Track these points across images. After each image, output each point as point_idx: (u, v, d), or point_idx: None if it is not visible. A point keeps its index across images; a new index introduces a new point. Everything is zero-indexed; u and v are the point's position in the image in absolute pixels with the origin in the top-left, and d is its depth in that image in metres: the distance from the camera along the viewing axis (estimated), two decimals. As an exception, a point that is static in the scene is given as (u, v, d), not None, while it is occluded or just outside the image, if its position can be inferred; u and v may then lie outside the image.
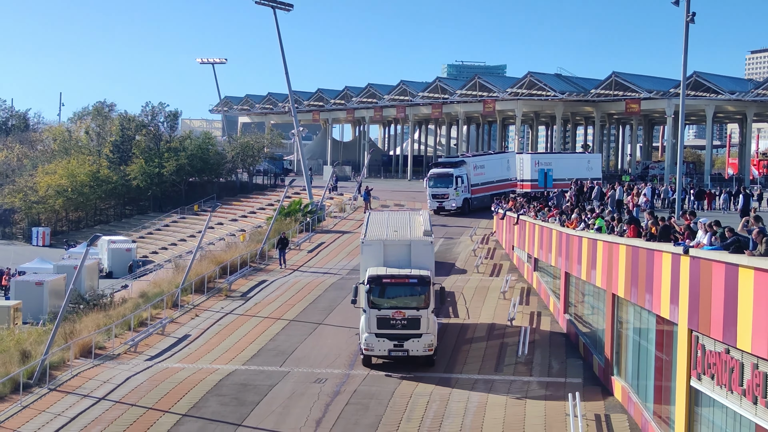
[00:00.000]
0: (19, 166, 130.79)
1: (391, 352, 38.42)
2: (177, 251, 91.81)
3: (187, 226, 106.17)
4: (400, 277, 39.32)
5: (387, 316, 38.28)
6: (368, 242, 41.82)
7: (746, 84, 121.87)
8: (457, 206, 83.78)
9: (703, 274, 24.25)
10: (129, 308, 51.97)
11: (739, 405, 21.69)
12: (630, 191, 60.33)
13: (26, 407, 36.11)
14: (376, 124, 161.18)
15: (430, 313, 38.54)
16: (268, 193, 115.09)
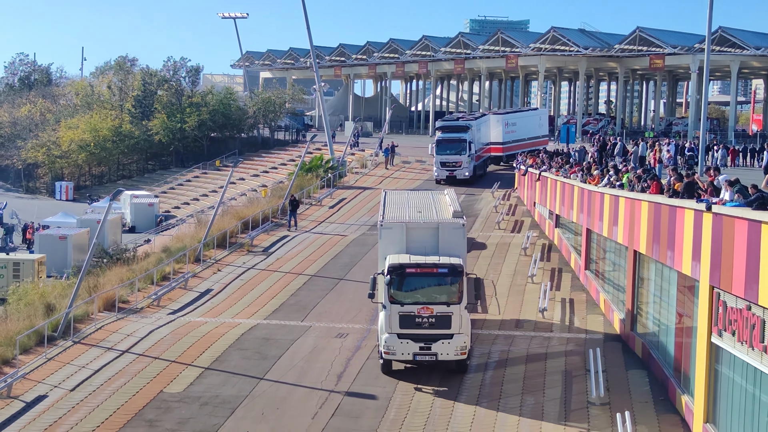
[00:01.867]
0: (42, 120, 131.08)
1: (416, 356, 31.73)
2: (199, 206, 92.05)
3: (209, 181, 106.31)
4: (428, 266, 32.48)
5: (411, 313, 31.74)
6: (388, 225, 34.60)
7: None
8: (469, 174, 76.87)
9: (725, 231, 24.20)
10: (152, 263, 52.23)
11: (759, 362, 21.73)
12: (652, 147, 60.01)
13: (51, 359, 36.46)
14: (398, 80, 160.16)
15: (463, 309, 31.97)
16: (290, 148, 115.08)
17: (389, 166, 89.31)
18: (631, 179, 39.29)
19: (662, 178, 37.36)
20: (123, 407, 31.33)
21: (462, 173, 75.48)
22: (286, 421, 29.81)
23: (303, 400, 31.74)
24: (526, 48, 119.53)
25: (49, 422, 30.19)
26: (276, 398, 31.99)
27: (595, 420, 28.98)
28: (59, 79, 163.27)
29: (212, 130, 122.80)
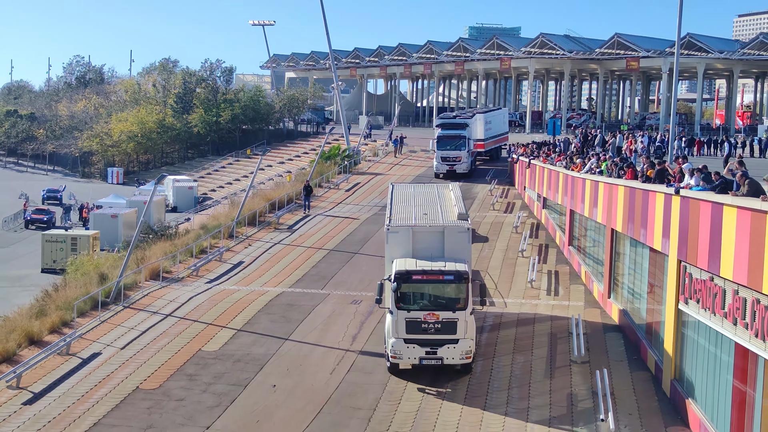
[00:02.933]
0: (96, 114, 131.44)
1: (422, 360, 28.59)
2: (232, 189, 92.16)
3: (241, 167, 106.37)
4: (434, 273, 28.82)
5: (418, 319, 28.41)
6: (394, 228, 30.78)
7: (734, 44, 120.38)
8: (467, 169, 72.07)
9: (691, 212, 24.24)
10: (191, 238, 52.35)
11: (720, 326, 21.78)
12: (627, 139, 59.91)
13: (104, 322, 36.66)
14: (405, 79, 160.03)
15: (469, 315, 28.60)
16: (311, 139, 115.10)
17: (398, 154, 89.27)
18: (609, 167, 39.30)
19: (636, 165, 37.30)
20: (166, 363, 31.53)
21: (462, 168, 71.02)
22: (307, 376, 29.98)
23: (322, 358, 31.88)
24: (518, 52, 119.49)
25: (103, 376, 30.42)
26: (299, 356, 32.14)
27: (577, 376, 29.08)
28: (111, 78, 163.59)
29: (244, 123, 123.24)
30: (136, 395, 28.77)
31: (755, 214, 19.38)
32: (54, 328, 35.50)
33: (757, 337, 19.34)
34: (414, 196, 36.52)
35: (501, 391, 28.20)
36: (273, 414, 27.18)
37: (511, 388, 28.41)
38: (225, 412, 27.31)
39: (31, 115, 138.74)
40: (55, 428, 26.35)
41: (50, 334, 34.92)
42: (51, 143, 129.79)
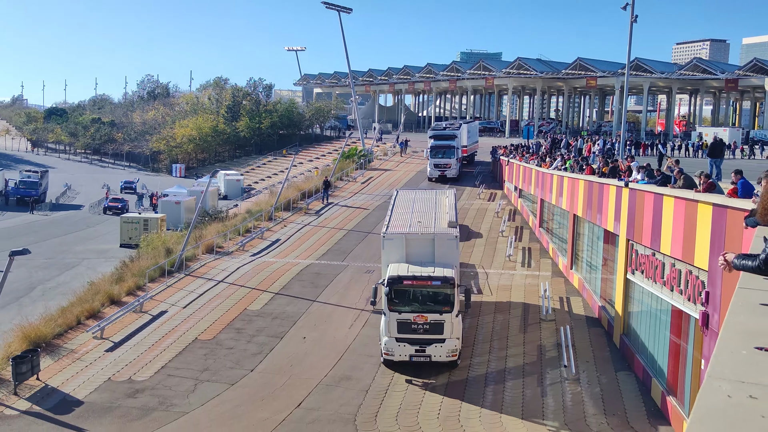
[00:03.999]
0: (163, 121, 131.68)
1: (412, 357, 25.76)
2: (271, 182, 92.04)
3: (278, 164, 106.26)
4: (423, 279, 25.95)
5: (408, 320, 25.58)
6: (389, 236, 27.85)
7: (672, 66, 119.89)
8: (456, 174, 67.72)
9: (638, 200, 24.23)
10: (239, 220, 52.54)
11: (660, 292, 21.81)
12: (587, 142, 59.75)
13: (169, 286, 36.89)
14: (409, 94, 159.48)
15: (455, 317, 25.76)
16: (334, 142, 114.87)
17: (403, 154, 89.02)
18: (572, 164, 39.28)
19: (594, 164, 37.25)
20: (219, 319, 31.69)
21: (451, 173, 66.80)
22: (331, 330, 30.11)
23: (343, 316, 31.99)
24: (499, 72, 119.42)
25: (168, 329, 30.61)
26: (324, 314, 32.27)
27: (545, 331, 29.12)
28: (174, 93, 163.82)
29: (280, 129, 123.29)
30: (194, 344, 28.97)
31: (688, 203, 19.39)
32: (130, 291, 35.82)
33: (689, 301, 19.37)
34: (414, 202, 33.64)
35: (485, 342, 28.30)
36: (303, 360, 27.32)
37: (492, 340, 28.52)
38: (265, 358, 27.48)
39: (112, 122, 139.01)
40: (131, 370, 26.57)
41: (127, 296, 35.20)
42: (127, 144, 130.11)
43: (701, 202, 18.52)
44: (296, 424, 22.03)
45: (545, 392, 23.64)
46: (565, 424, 21.32)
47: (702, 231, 18.27)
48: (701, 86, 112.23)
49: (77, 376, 26.26)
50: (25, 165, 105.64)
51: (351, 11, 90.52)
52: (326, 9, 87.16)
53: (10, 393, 24.83)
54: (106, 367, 26.94)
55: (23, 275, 42.77)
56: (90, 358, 27.82)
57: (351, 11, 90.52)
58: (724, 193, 19.08)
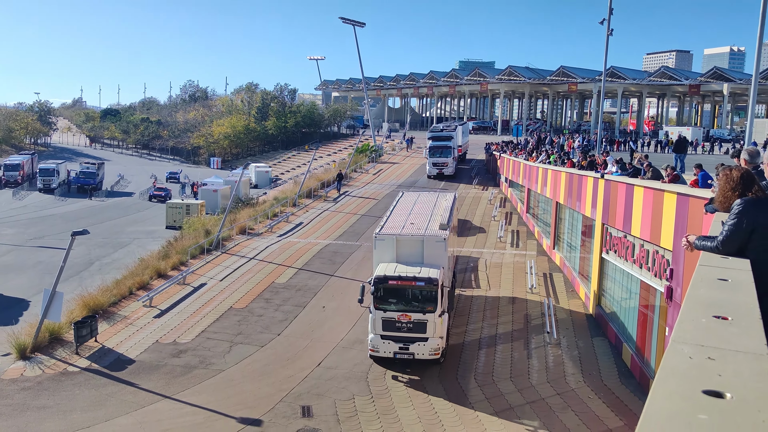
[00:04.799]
0: (202, 121, 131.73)
1: (396, 354, 22.87)
2: (295, 173, 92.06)
3: (301, 158, 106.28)
4: (407, 279, 22.83)
5: (393, 319, 22.74)
6: (381, 237, 24.76)
7: (643, 74, 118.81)
8: (453, 172, 64.43)
9: (612, 190, 24.12)
10: (267, 206, 52.60)
11: (630, 269, 21.75)
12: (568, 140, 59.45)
13: (208, 262, 37.00)
14: (414, 97, 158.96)
15: (438, 317, 22.61)
16: (349, 139, 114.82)
17: (408, 150, 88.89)
18: (555, 159, 39.09)
19: (573, 158, 37.05)
20: (251, 290, 31.79)
21: (448, 170, 63.45)
22: (346, 300, 30.14)
23: (357, 288, 31.88)
24: (493, 79, 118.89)
25: (207, 299, 30.73)
26: (340, 287, 32.31)
27: (531, 303, 29.10)
28: (212, 96, 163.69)
29: (303, 128, 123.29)
30: (230, 312, 29.09)
31: (656, 192, 19.30)
32: (174, 266, 35.94)
33: (656, 276, 19.33)
34: (414, 204, 30.45)
35: (479, 311, 28.30)
36: (323, 325, 27.41)
37: (485, 310, 28.52)
38: (290, 324, 27.57)
39: (158, 121, 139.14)
40: (176, 333, 26.72)
41: (172, 270, 35.33)
42: (172, 140, 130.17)
43: (667, 191, 18.44)
44: (316, 381, 22.15)
45: (531, 354, 23.67)
46: (547, 382, 21.36)
47: (667, 216, 18.20)
48: (668, 91, 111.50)
49: (129, 338, 26.44)
50: (84, 158, 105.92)
51: (364, 25, 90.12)
52: (342, 23, 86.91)
53: (72, 353, 25.04)
54: (154, 331, 27.10)
55: (83, 252, 43.03)
56: (140, 323, 27.99)
57: (364, 25, 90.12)
58: (687, 184, 19.02)
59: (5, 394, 21.77)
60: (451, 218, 27.11)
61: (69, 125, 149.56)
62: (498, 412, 19.41)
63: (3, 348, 25.48)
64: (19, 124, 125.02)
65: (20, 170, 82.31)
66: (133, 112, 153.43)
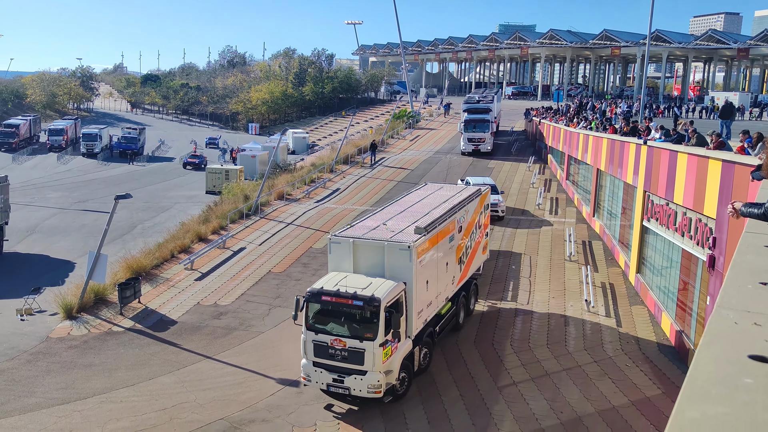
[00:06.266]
0: (240, 86, 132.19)
1: (329, 386, 18.02)
2: (332, 139, 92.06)
3: (338, 124, 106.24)
4: (345, 297, 17.67)
5: (325, 343, 17.91)
6: (336, 240, 19.32)
7: (689, 37, 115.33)
8: (490, 148, 57.92)
9: (655, 157, 23.68)
10: (305, 172, 52.85)
11: (672, 237, 21.43)
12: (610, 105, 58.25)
13: (247, 227, 37.45)
14: (453, 62, 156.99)
15: (378, 346, 17.48)
16: (387, 105, 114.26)
17: (446, 116, 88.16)
18: (597, 125, 38.43)
19: (616, 124, 36.39)
20: (289, 255, 32.15)
21: (485, 147, 57.44)
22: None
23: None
24: (533, 43, 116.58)
25: (247, 263, 31.18)
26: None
27: (569, 271, 28.91)
28: (250, 62, 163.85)
29: (340, 93, 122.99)
30: (268, 276, 29.50)
31: (700, 159, 18.90)
32: (214, 231, 36.44)
33: (698, 245, 19.02)
34: (423, 197, 25.43)
35: (516, 279, 28.24)
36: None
37: (521, 278, 28.42)
38: (328, 288, 27.84)
39: (198, 86, 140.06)
40: (216, 296, 27.24)
41: (212, 234, 35.85)
42: (211, 106, 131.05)
43: (711, 158, 18.04)
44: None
45: (568, 322, 23.59)
46: (584, 349, 21.30)
47: (711, 183, 17.83)
48: (715, 55, 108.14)
49: (171, 300, 27.05)
50: (126, 123, 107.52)
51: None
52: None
53: (116, 313, 25.75)
54: (196, 293, 27.67)
55: (126, 216, 43.92)
56: (182, 285, 28.59)
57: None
58: (732, 151, 18.56)
59: (53, 351, 22.56)
60: (443, 221, 21.30)
61: (110, 91, 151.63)
62: (534, 379, 19.47)
63: (51, 308, 26.32)
64: (63, 89, 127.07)
65: (64, 135, 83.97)
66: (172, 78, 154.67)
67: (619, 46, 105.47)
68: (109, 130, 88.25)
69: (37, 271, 32.88)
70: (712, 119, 57.52)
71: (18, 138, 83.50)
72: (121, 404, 18.83)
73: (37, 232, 41.44)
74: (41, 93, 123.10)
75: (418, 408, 18.02)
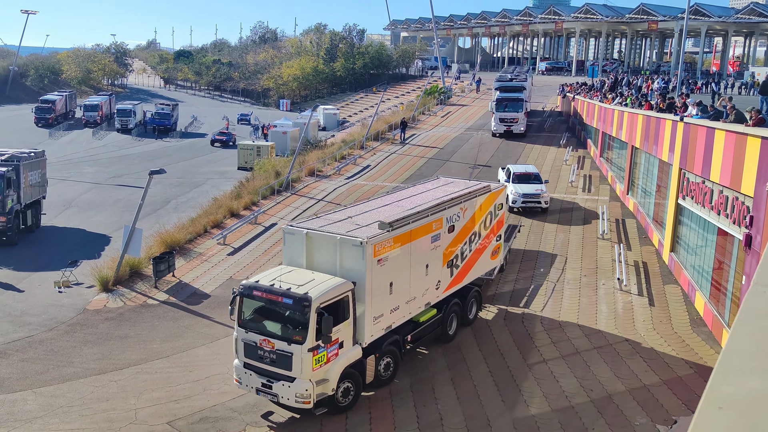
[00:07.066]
0: (272, 62, 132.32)
1: (259, 391, 16.47)
2: (363, 115, 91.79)
3: (369, 100, 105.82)
4: (276, 294, 16.17)
5: (254, 343, 16.42)
6: (289, 230, 17.91)
7: (729, 11, 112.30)
8: (523, 129, 54.04)
9: (691, 133, 23.24)
10: (335, 148, 52.88)
11: (708, 215, 21.10)
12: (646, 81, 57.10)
13: (278, 203, 37.72)
14: (486, 37, 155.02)
15: (307, 351, 15.75)
16: (418, 80, 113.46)
17: (478, 92, 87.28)
18: (632, 101, 37.78)
19: (652, 100, 35.72)
20: (319, 231, 32.33)
21: (518, 128, 53.56)
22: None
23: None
24: (568, 17, 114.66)
25: (278, 238, 31.37)
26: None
27: (602, 248, 28.67)
28: (281, 37, 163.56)
29: (371, 69, 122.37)
30: (299, 251, 29.72)
31: (738, 136, 18.50)
32: (246, 206, 36.77)
33: (734, 224, 18.69)
34: (423, 191, 22.55)
35: (547, 257, 28.08)
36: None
37: (554, 255, 28.28)
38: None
39: (230, 62, 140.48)
40: (248, 270, 27.55)
41: (244, 210, 36.20)
42: (242, 82, 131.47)
43: (750, 135, 17.65)
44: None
45: (599, 300, 23.44)
46: (616, 327, 21.17)
47: (750, 161, 17.46)
48: (756, 29, 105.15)
49: (205, 274, 27.46)
50: (159, 99, 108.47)
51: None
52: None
53: (151, 286, 26.23)
54: (228, 267, 28.04)
55: (160, 191, 44.53)
56: (215, 260, 28.98)
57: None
58: (773, 127, 18.12)
59: (90, 323, 23.11)
60: (422, 218, 18.65)
61: (144, 67, 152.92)
62: (564, 356, 19.43)
63: (87, 280, 26.91)
64: (97, 65, 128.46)
65: (99, 111, 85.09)
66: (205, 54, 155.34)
67: (656, 20, 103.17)
68: (142, 106, 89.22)
69: (74, 245, 33.59)
70: (752, 95, 56.08)
71: (54, 113, 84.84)
72: (156, 375, 19.26)
73: (74, 206, 42.25)
74: (76, 69, 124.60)
75: (447, 384, 18.13)
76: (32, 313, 23.99)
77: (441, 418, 16.32)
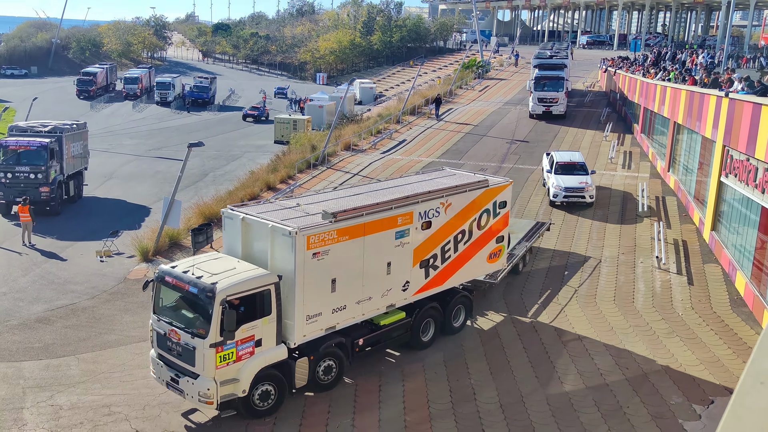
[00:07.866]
0: (309, 36, 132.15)
1: (168, 385, 15.12)
2: (399, 89, 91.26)
3: (406, 74, 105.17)
4: (184, 281, 14.80)
5: (164, 333, 15.12)
6: (228, 214, 16.42)
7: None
8: (564, 111, 50.58)
9: (736, 110, 22.63)
10: (371, 122, 52.79)
11: (752, 194, 20.61)
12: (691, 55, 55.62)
13: (314, 177, 37.90)
14: (526, 9, 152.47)
15: (209, 347, 14.15)
16: (456, 54, 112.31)
17: (516, 65, 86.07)
18: (676, 76, 36.90)
19: (696, 75, 34.84)
20: (355, 205, 32.43)
21: (558, 109, 50.19)
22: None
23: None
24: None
25: (314, 212, 31.65)
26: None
27: (641, 226, 28.27)
28: (319, 10, 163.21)
29: (408, 42, 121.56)
30: (335, 225, 29.88)
31: (787, 112, 17.96)
32: (282, 180, 37.03)
33: (780, 203, 18.25)
34: (413, 182, 19.96)
35: (583, 234, 27.78)
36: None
37: (591, 232, 27.97)
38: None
39: (267, 36, 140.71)
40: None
41: (280, 183, 36.46)
42: (280, 55, 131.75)
43: (800, 111, 17.11)
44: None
45: (637, 278, 23.16)
46: (653, 306, 20.92)
47: (798, 138, 16.96)
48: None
49: (241, 246, 27.76)
50: (197, 72, 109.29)
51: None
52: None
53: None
54: (264, 240, 28.32)
55: (198, 164, 45.06)
56: (251, 232, 29.29)
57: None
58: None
59: (131, 292, 23.63)
60: (382, 209, 16.72)
61: (183, 40, 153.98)
62: (599, 334, 19.29)
63: (128, 250, 27.47)
64: (137, 38, 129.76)
65: (139, 83, 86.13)
66: (242, 27, 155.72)
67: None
68: (181, 78, 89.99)
69: (114, 215, 34.26)
70: (802, 71, 54.31)
71: (95, 86, 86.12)
72: (194, 344, 19.65)
73: (115, 177, 43.03)
74: (117, 42, 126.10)
75: (481, 360, 18.16)
76: (75, 281, 24.62)
77: (474, 393, 16.38)
